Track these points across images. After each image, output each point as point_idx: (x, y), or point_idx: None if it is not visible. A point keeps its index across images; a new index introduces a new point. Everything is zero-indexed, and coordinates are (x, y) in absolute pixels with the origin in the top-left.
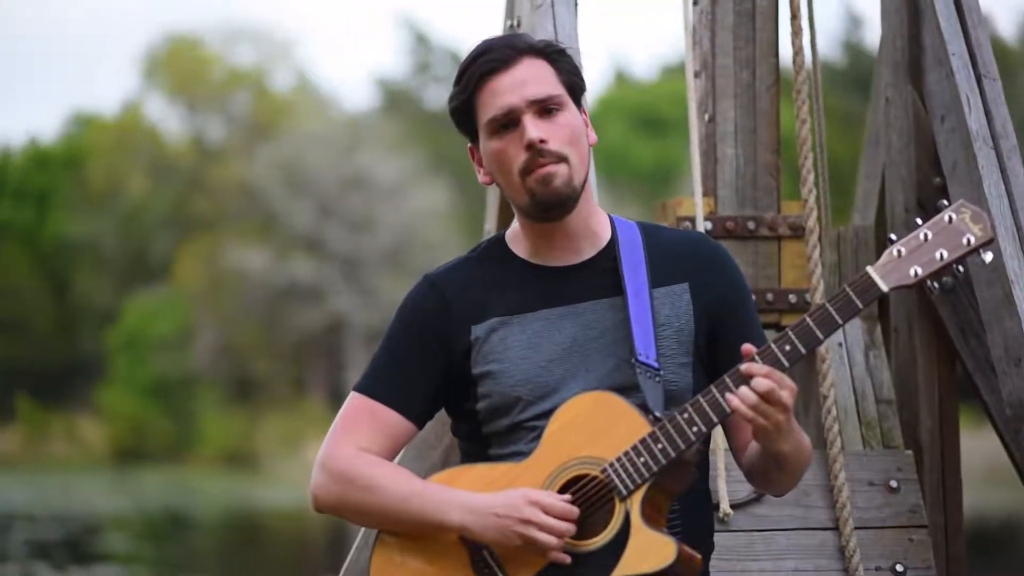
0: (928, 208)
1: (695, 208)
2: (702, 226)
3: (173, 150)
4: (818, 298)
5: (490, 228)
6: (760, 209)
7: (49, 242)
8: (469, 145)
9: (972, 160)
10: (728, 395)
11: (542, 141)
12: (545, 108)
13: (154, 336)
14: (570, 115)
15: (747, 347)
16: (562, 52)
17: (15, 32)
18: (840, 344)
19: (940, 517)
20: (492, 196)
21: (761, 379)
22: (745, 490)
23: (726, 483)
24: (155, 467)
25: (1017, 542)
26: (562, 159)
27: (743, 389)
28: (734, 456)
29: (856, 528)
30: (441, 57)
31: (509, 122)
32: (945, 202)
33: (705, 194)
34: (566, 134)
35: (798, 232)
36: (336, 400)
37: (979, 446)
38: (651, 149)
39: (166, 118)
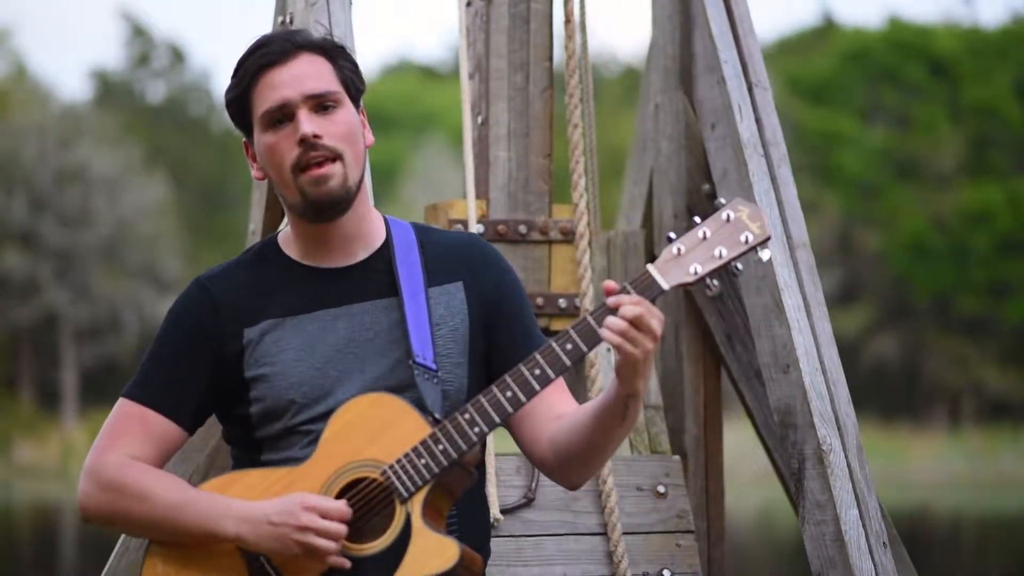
0: (697, 214)
1: (468, 211)
2: (475, 229)
3: None
4: (588, 303)
5: (254, 228)
6: (532, 213)
7: None
8: (244, 140)
9: (743, 168)
10: (601, 326)
11: (316, 136)
12: (321, 104)
13: None
14: (347, 113)
15: (608, 284)
16: (342, 50)
17: None
18: (609, 349)
19: (703, 523)
20: (258, 195)
21: (630, 306)
22: (515, 495)
23: (496, 488)
24: None
25: (773, 544)
26: (336, 157)
27: (611, 318)
28: (527, 450)
29: (625, 533)
30: (161, 51)
31: (284, 116)
32: (722, 200)
33: (477, 197)
34: (341, 131)
35: (569, 237)
36: (47, 399)
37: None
38: (375, 149)
39: None
